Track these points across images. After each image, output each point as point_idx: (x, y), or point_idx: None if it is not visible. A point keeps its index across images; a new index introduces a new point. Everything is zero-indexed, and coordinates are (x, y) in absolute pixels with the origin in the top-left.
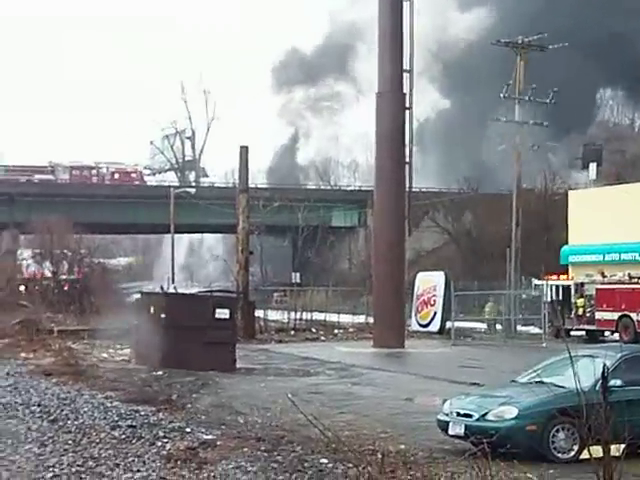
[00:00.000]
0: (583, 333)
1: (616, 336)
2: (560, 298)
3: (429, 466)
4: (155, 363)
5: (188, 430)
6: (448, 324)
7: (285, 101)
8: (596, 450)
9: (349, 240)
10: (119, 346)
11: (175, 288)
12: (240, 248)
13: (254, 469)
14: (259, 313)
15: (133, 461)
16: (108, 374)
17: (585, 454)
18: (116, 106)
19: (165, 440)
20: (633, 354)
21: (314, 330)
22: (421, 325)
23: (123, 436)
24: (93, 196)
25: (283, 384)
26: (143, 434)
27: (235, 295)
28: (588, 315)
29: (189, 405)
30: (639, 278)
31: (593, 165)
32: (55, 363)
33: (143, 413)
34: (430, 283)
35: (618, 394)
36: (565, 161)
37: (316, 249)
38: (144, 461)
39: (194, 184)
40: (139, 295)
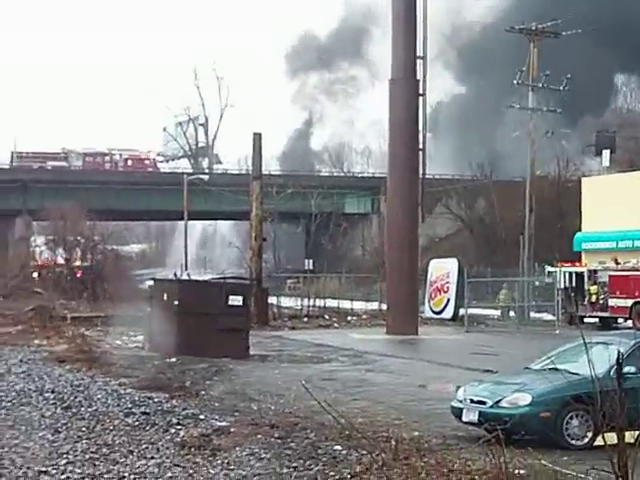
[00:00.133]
0: (596, 320)
1: (629, 323)
2: (573, 285)
3: (443, 453)
4: (168, 350)
5: (202, 417)
6: (461, 311)
7: (299, 85)
8: (610, 437)
9: (362, 227)
10: (132, 333)
11: (188, 275)
12: (253, 235)
13: (268, 456)
14: (272, 300)
15: (147, 448)
16: (121, 361)
17: (599, 441)
18: (129, 92)
19: (179, 427)
20: None
21: (327, 317)
22: (434, 312)
23: (137, 423)
24: (106, 183)
25: (297, 371)
26: (157, 421)
27: (248, 282)
28: (601, 302)
29: (203, 392)
30: None
31: (606, 152)
32: (68, 350)
33: (157, 400)
34: (443, 270)
35: (632, 381)
36: (578, 148)
37: (329, 236)
38: (158, 448)
39: (207, 171)
40: (152, 282)
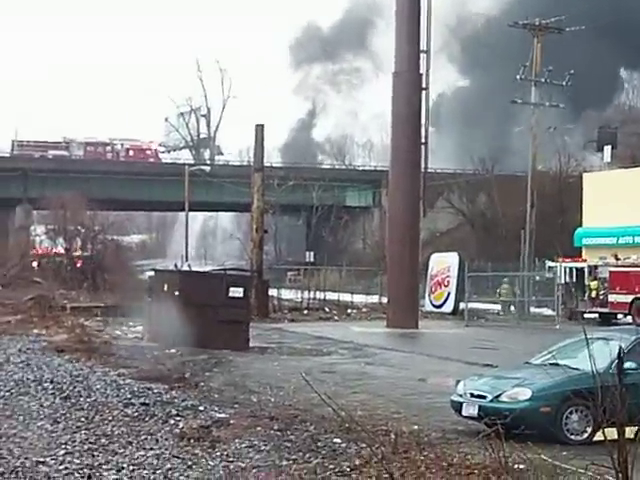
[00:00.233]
0: (596, 315)
1: (629, 319)
2: (574, 280)
3: (442, 447)
4: (168, 341)
5: (201, 408)
6: (461, 305)
7: (303, 76)
8: (610, 432)
9: (363, 220)
10: (132, 323)
11: (189, 266)
12: (254, 227)
13: (267, 448)
14: (273, 292)
15: (146, 439)
16: (121, 351)
17: (598, 436)
18: (131, 82)
19: (178, 418)
20: None
21: (327, 309)
22: (435, 306)
23: (136, 414)
24: (107, 172)
25: (296, 363)
26: (156, 412)
27: (249, 274)
28: (601, 298)
29: (202, 383)
30: None
31: (608, 148)
32: (68, 340)
33: (156, 391)
34: (444, 264)
35: (633, 376)
36: (580, 143)
37: (330, 228)
38: (157, 439)
39: (209, 162)
40: (152, 273)
